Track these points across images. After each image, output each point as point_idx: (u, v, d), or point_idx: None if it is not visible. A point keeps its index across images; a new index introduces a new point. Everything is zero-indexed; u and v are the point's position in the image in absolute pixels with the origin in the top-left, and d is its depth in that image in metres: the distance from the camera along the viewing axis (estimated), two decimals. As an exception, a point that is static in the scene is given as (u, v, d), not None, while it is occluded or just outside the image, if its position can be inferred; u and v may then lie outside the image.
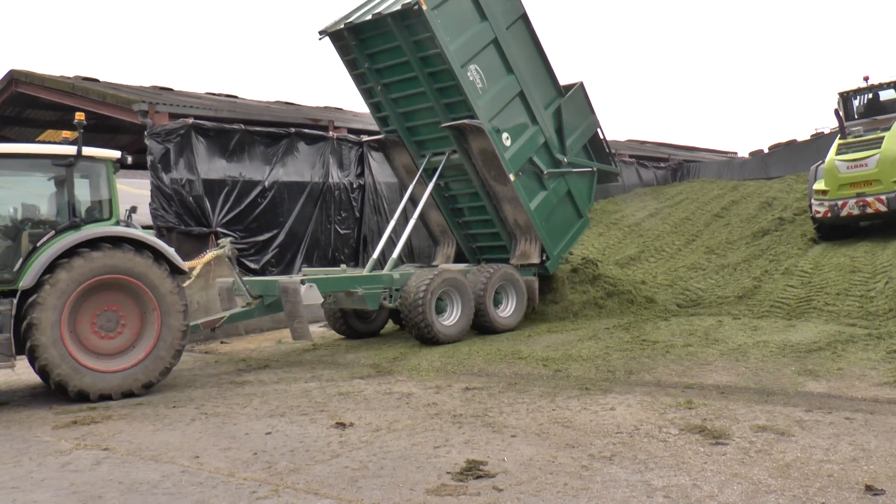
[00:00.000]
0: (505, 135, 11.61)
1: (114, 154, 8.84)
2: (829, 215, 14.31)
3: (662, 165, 27.16)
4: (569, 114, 12.56)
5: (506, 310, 11.66)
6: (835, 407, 6.19)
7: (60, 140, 8.73)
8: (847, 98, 16.15)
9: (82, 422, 7.13)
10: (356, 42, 11.69)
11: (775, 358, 8.12)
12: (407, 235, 11.88)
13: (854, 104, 16.18)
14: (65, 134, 8.75)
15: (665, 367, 8.13)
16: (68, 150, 8.42)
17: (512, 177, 11.52)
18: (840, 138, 14.71)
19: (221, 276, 11.79)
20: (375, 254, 11.86)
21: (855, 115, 16.03)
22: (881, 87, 15.82)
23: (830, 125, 23.08)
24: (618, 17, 77.47)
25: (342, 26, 11.59)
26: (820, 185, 14.62)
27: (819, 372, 7.40)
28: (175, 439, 6.33)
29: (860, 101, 16.20)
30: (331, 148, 15.45)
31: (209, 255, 10.33)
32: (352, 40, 11.67)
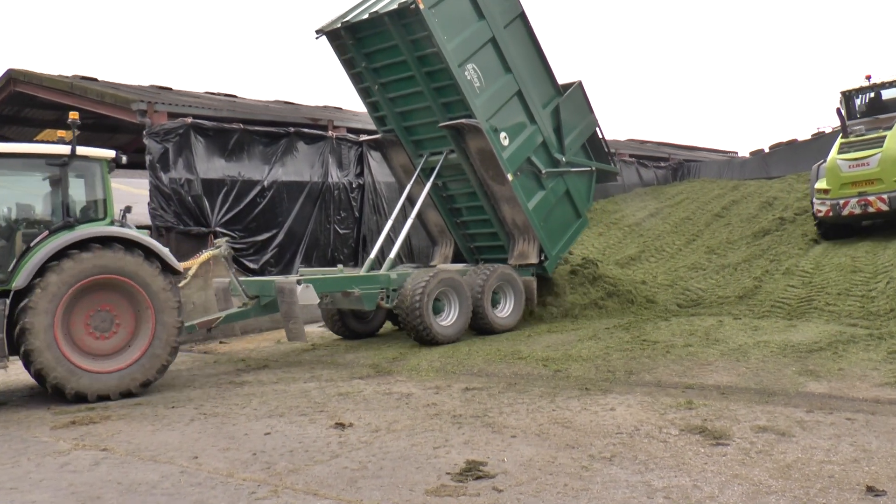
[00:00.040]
0: (503, 134, 11.56)
1: (108, 153, 8.80)
2: (831, 214, 14.29)
3: (663, 165, 27.13)
4: (567, 113, 12.51)
5: (504, 310, 11.63)
6: (836, 407, 6.17)
7: (55, 140, 8.70)
8: (849, 97, 16.12)
9: (81, 422, 7.11)
10: (353, 41, 11.64)
11: (776, 358, 8.09)
12: (405, 235, 11.83)
13: (856, 103, 16.16)
14: (60, 133, 8.71)
15: (665, 368, 8.10)
16: (62, 150, 8.38)
17: (510, 176, 11.47)
18: (842, 137, 14.69)
19: (219, 277, 11.75)
20: (373, 254, 11.77)
21: (857, 114, 16.01)
22: (883, 86, 15.80)
23: (832, 124, 23.14)
24: (617, 17, 77.51)
25: (339, 25, 11.54)
26: (821, 185, 14.59)
27: (820, 372, 7.38)
28: (174, 440, 6.31)
29: (862, 100, 16.18)
30: (330, 147, 15.42)
31: (205, 256, 10.30)
32: (349, 39, 11.62)
